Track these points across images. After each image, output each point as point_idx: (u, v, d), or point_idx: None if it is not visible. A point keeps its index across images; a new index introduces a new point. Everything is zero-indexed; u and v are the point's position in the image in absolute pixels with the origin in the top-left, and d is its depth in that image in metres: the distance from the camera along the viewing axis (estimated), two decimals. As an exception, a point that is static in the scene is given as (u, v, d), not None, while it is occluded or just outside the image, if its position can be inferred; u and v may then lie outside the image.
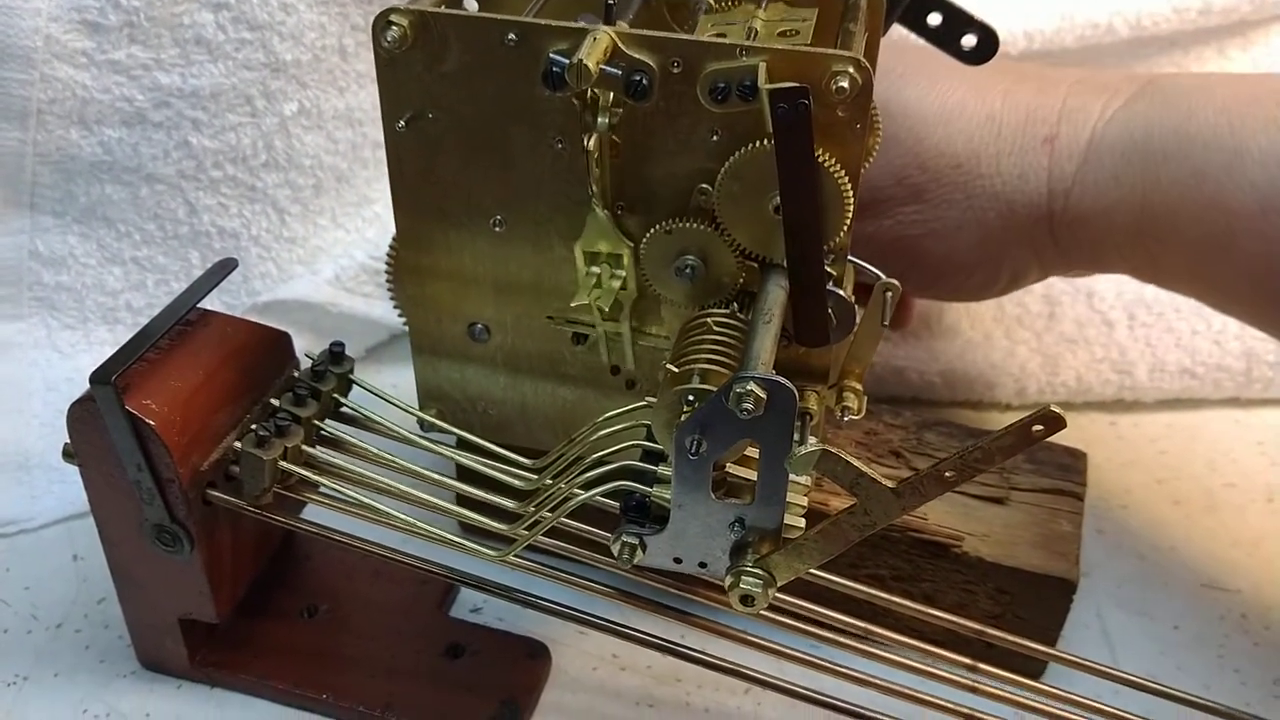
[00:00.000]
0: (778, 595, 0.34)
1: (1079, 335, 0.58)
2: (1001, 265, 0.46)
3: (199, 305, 0.39)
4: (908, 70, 0.45)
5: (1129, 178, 0.41)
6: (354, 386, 0.41)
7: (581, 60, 0.32)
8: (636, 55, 0.33)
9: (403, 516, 0.38)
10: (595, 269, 0.37)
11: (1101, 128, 0.43)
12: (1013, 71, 0.46)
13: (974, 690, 0.37)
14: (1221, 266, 0.40)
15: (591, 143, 0.35)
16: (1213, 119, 0.40)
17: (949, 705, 0.37)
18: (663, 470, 0.34)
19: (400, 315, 0.43)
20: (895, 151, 0.44)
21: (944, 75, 0.46)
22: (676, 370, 0.34)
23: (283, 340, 0.41)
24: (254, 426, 0.38)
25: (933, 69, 0.46)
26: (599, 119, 0.35)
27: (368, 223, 0.60)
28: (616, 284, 0.37)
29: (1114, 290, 0.58)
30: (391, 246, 0.41)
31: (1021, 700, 0.37)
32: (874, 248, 0.45)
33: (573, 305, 0.38)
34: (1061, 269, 0.47)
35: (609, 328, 0.39)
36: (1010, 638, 0.38)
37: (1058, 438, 0.30)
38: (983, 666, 0.37)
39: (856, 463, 0.31)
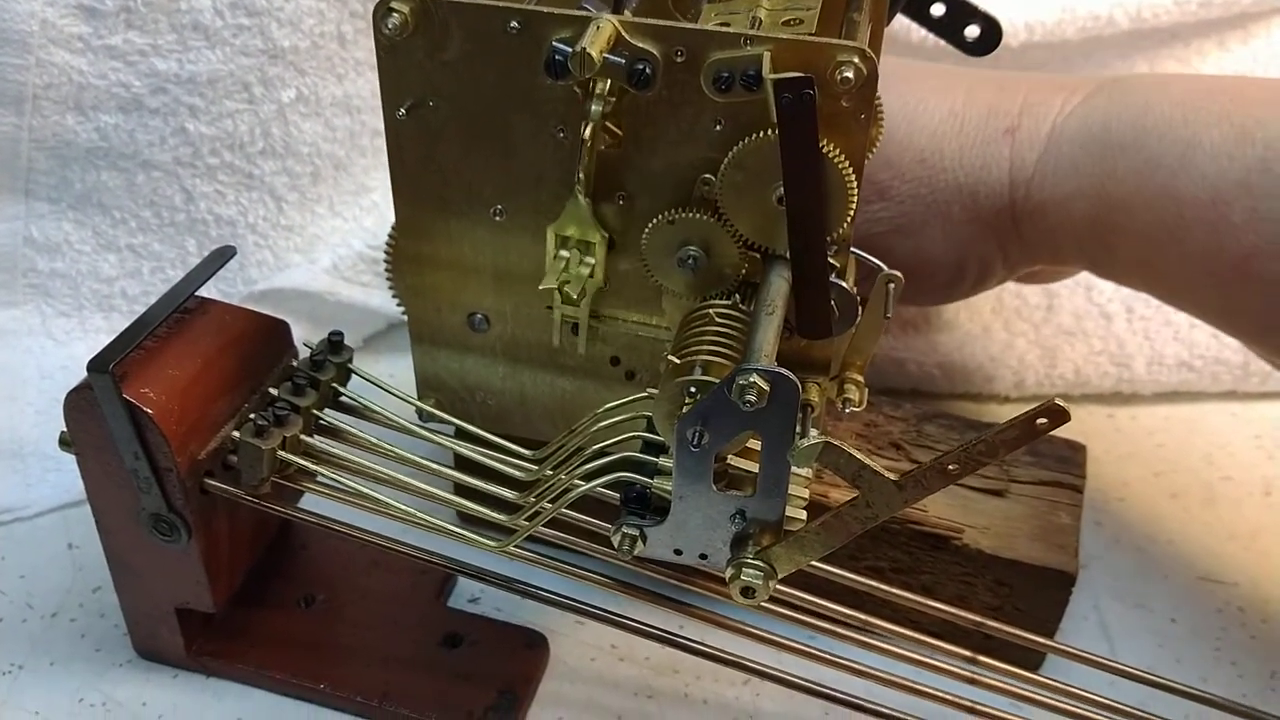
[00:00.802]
0: (777, 587, 0.34)
1: (1077, 328, 0.58)
2: (968, 260, 0.46)
3: (197, 293, 0.39)
4: None
5: (1087, 167, 0.42)
6: (353, 376, 0.41)
7: (585, 49, 0.32)
8: (640, 44, 0.33)
9: (401, 506, 0.38)
10: (565, 253, 0.37)
11: (1061, 120, 0.43)
12: (973, 74, 0.47)
13: (973, 682, 0.37)
14: (1173, 257, 0.41)
15: (586, 131, 0.35)
16: (1168, 111, 0.41)
17: (948, 696, 0.37)
18: (664, 462, 0.34)
19: (399, 304, 0.42)
20: None
21: (907, 78, 0.46)
22: (678, 361, 0.34)
23: (281, 329, 0.41)
24: (252, 416, 0.38)
25: (896, 73, 0.46)
26: (593, 106, 0.34)
27: (366, 211, 0.60)
28: (585, 271, 0.37)
29: (1112, 284, 0.58)
30: (390, 235, 0.41)
31: (1020, 692, 0.37)
32: None
33: (540, 289, 0.37)
34: (1025, 265, 0.47)
35: (568, 312, 0.39)
36: (1009, 629, 0.38)
37: (1058, 430, 0.29)
38: (981, 658, 0.37)
39: (859, 455, 0.30)
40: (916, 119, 0.45)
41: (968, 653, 0.37)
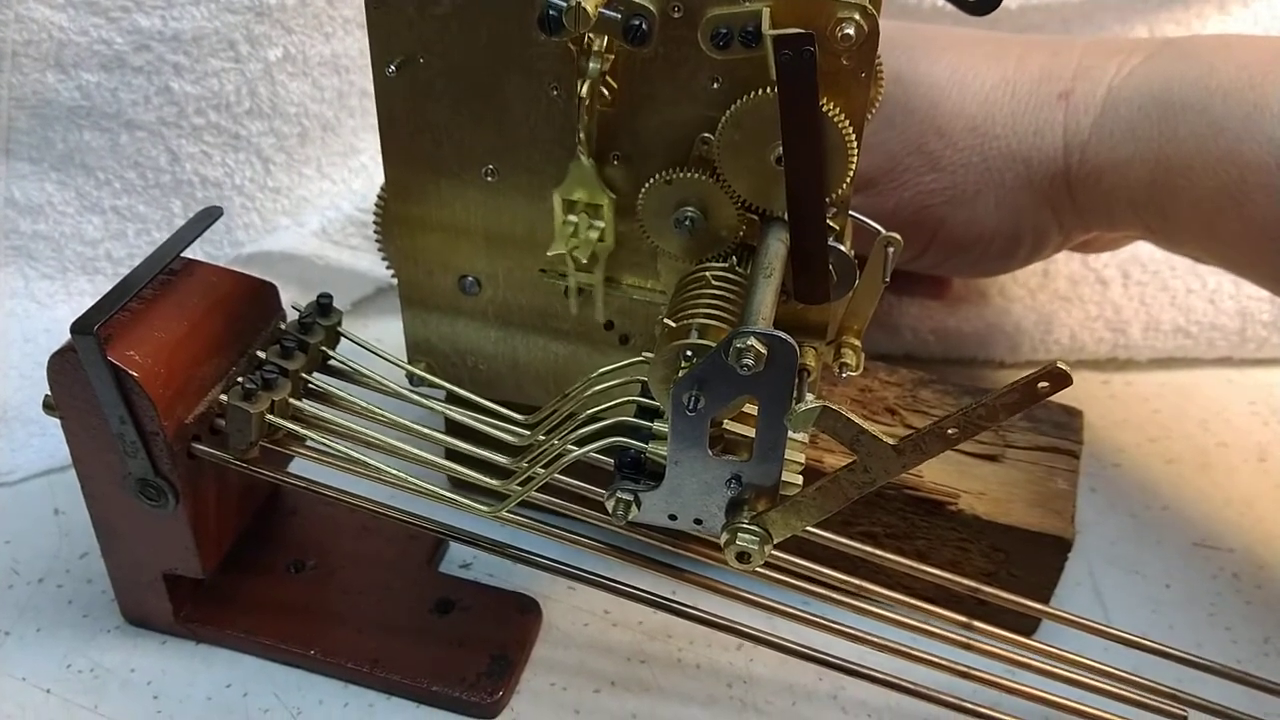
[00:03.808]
0: (771, 552, 0.33)
1: (1073, 293, 0.58)
2: (1022, 229, 0.46)
3: (183, 254, 0.38)
4: (921, 44, 0.46)
5: (1145, 130, 0.42)
6: (342, 339, 0.41)
7: (579, 3, 0.31)
8: (636, -1, 0.32)
9: (392, 471, 0.37)
10: (573, 218, 0.37)
11: (1118, 83, 0.43)
12: (1024, 40, 0.47)
13: (967, 647, 0.37)
14: (1233, 222, 0.40)
15: (583, 89, 0.34)
16: (1233, 74, 0.40)
17: (942, 662, 0.37)
18: (658, 426, 0.34)
19: (389, 268, 0.42)
20: (912, 120, 0.45)
21: (957, 46, 0.46)
22: (674, 325, 0.33)
23: (268, 291, 0.40)
24: (240, 379, 0.37)
25: (946, 42, 0.46)
26: (591, 64, 0.34)
27: (354, 173, 0.59)
28: (594, 235, 0.37)
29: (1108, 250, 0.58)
30: (380, 197, 0.40)
31: (1014, 657, 0.37)
32: (896, 222, 0.45)
33: (549, 254, 0.37)
34: (1081, 232, 0.47)
35: (582, 279, 0.39)
36: (1004, 595, 0.38)
37: (1055, 395, 0.29)
38: (976, 624, 0.37)
39: (857, 419, 0.30)
40: (968, 86, 0.44)
41: (962, 618, 0.37)
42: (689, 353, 0.32)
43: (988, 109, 0.44)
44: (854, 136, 0.33)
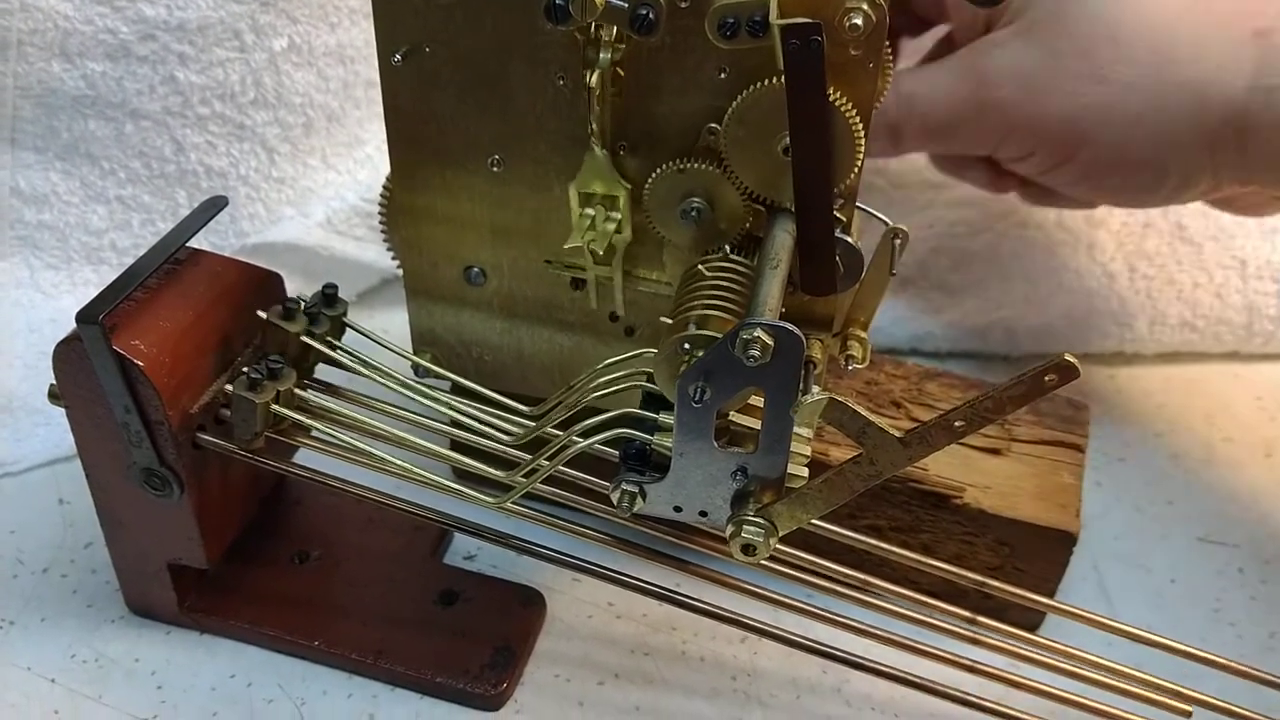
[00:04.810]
0: (776, 545, 0.33)
1: (1079, 286, 0.57)
2: (1172, 165, 0.42)
3: (188, 244, 0.38)
4: None
5: None
6: (347, 330, 0.41)
7: (586, -8, 0.31)
8: (643, -12, 0.32)
9: (397, 461, 0.37)
10: (590, 211, 0.37)
11: None
12: None
13: (973, 641, 0.37)
14: None
15: (593, 79, 0.34)
16: None
17: (947, 655, 0.37)
18: (664, 418, 0.33)
19: (394, 258, 0.42)
20: (1084, 15, 0.41)
21: None
22: (675, 320, 0.33)
23: (274, 281, 0.40)
24: (245, 369, 0.37)
25: None
26: (601, 54, 0.33)
27: (359, 164, 0.59)
28: (611, 227, 0.37)
29: (1114, 241, 0.57)
30: (386, 187, 0.40)
31: (1019, 652, 0.37)
32: (1037, 127, 0.42)
33: (566, 247, 0.37)
34: (1236, 184, 0.43)
35: (600, 272, 0.38)
36: (1009, 589, 0.38)
37: (1061, 389, 0.29)
38: (981, 618, 0.37)
39: (864, 412, 0.30)
40: (1155, 1, 0.41)
41: (967, 612, 0.37)
42: (686, 345, 0.32)
43: (1173, 31, 0.41)
44: (861, 127, 0.32)
